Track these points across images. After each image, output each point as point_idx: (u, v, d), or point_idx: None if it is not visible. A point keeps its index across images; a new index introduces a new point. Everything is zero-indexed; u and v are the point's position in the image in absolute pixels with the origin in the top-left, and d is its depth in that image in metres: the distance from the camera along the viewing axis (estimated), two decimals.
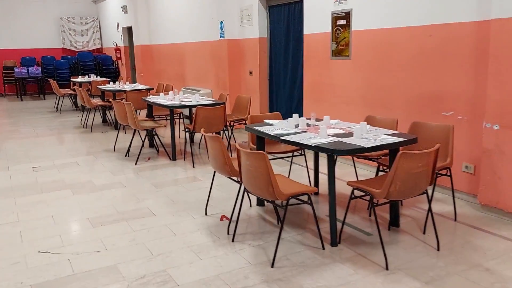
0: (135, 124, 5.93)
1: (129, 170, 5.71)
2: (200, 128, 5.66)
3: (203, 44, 9.13)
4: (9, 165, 6.08)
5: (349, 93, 5.53)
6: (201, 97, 6.89)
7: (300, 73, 6.47)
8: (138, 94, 8.14)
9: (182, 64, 10.41)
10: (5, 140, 7.81)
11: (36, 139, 7.84)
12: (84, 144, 7.37)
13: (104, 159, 6.28)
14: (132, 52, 14.32)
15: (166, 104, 6.05)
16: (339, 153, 3.08)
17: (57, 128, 8.92)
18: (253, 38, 7.36)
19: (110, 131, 8.53)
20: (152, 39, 11.97)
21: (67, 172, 5.68)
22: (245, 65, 7.71)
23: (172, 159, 6.16)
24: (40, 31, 15.94)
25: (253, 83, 7.52)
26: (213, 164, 3.81)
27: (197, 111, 5.61)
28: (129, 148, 6.57)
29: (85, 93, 8.40)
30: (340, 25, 5.49)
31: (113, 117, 9.49)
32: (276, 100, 7.18)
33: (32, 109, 11.93)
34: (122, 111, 6.29)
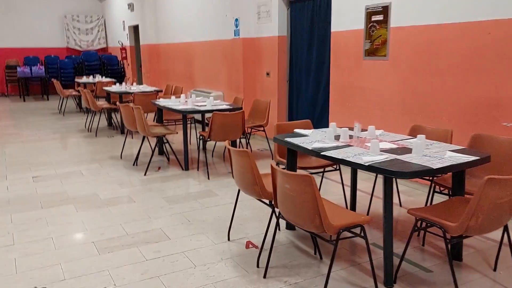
0: (145, 131, 5.38)
1: (138, 181, 5.16)
2: (216, 135, 5.11)
3: (215, 43, 8.57)
4: (7, 173, 5.55)
5: (384, 98, 4.96)
6: (215, 100, 6.33)
7: (326, 75, 5.91)
8: (146, 97, 7.60)
9: (191, 65, 9.86)
10: (5, 144, 7.28)
11: (38, 144, 7.31)
12: (89, 149, 6.83)
13: (110, 168, 5.74)
14: (138, 51, 13.79)
15: (178, 108, 5.49)
16: (403, 175, 2.51)
17: (60, 131, 8.39)
18: (271, 36, 6.80)
19: (116, 135, 7.99)
20: (159, 38, 11.43)
21: (70, 182, 5.14)
22: (261, 65, 7.15)
23: (184, 169, 5.61)
24: (43, 30, 15.44)
25: (271, 85, 6.96)
26: (239, 182, 3.25)
27: (213, 118, 5.05)
28: (137, 156, 6.02)
29: (90, 95, 7.86)
30: (376, 21, 4.92)
31: (119, 120, 8.96)
32: (297, 105, 6.61)
33: (35, 110, 11.41)
34: (130, 115, 5.74)
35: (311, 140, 3.37)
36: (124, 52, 14.16)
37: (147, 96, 7.62)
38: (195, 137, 7.47)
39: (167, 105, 5.82)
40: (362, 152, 2.95)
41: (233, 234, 3.64)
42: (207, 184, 5.01)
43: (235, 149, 3.11)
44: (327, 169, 3.99)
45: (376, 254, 3.21)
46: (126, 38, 13.94)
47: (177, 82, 10.52)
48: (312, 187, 2.40)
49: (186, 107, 5.61)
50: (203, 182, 5.11)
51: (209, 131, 5.15)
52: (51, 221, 3.99)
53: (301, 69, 6.43)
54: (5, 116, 10.51)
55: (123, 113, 5.89)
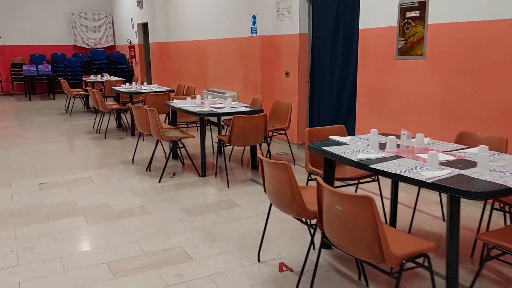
0: (160, 135, 5.01)
1: (152, 189, 4.79)
2: (236, 140, 4.73)
3: (229, 41, 8.19)
4: (11, 180, 5.20)
5: (420, 100, 4.56)
6: (233, 102, 5.95)
7: (352, 75, 5.52)
8: (158, 97, 7.23)
9: (203, 64, 9.49)
10: (9, 147, 6.94)
11: (44, 146, 6.96)
12: (98, 153, 6.47)
13: (122, 174, 5.37)
14: (147, 50, 13.43)
15: (195, 111, 5.11)
16: (476, 196, 2.12)
17: (67, 133, 8.04)
18: (291, 34, 6.41)
19: (126, 137, 7.63)
20: (170, 36, 11.07)
21: (79, 191, 4.78)
22: (280, 65, 6.76)
23: (201, 175, 5.23)
24: (50, 27, 15.12)
25: (290, 86, 6.58)
26: (273, 197, 2.87)
27: (234, 121, 4.67)
28: (150, 161, 5.64)
29: (99, 95, 7.51)
30: (411, 18, 4.52)
31: (129, 121, 8.60)
32: (318, 106, 6.22)
33: (41, 110, 11.08)
34: (143, 118, 5.37)
35: (352, 150, 2.99)
36: (132, 50, 13.81)
37: (159, 97, 7.25)
38: (210, 140, 7.10)
39: (182, 106, 5.44)
40: (417, 166, 2.56)
41: (263, 254, 3.26)
42: (227, 193, 4.63)
43: (270, 161, 2.73)
44: (365, 181, 3.60)
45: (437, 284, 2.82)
46: (134, 36, 13.59)
47: (188, 82, 10.15)
48: (371, 210, 2.02)
49: (204, 109, 5.23)
50: (223, 190, 4.73)
51: (228, 135, 4.77)
52: (59, 236, 3.63)
53: (324, 69, 6.04)
54: (11, 116, 10.19)
55: (136, 115, 5.52)
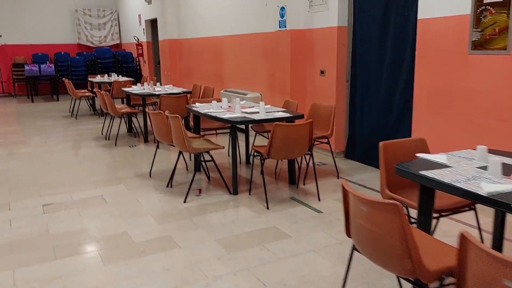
0: (185, 146, 4.24)
1: (178, 212, 4.03)
2: (277, 153, 3.95)
3: (252, 37, 7.41)
4: (11, 200, 4.44)
5: (503, 104, 3.77)
6: (266, 106, 5.17)
7: (406, 73, 4.73)
8: (175, 100, 6.47)
9: (220, 62, 8.71)
10: (9, 157, 6.18)
11: (48, 156, 6.20)
12: (109, 164, 5.70)
13: (139, 191, 4.61)
14: (156, 48, 12.66)
15: (225, 118, 4.33)
16: None
17: (73, 139, 7.28)
18: (328, 27, 5.62)
19: (138, 144, 6.87)
20: (182, 33, 10.29)
21: (90, 214, 4.01)
22: (313, 62, 5.98)
23: (232, 192, 4.46)
24: (53, 25, 14.37)
25: (326, 86, 5.79)
26: (367, 247, 2.09)
27: (276, 131, 3.89)
28: (172, 175, 4.87)
29: (109, 98, 6.74)
30: (490, 4, 3.73)
31: (141, 125, 7.83)
32: (361, 110, 5.43)
33: (44, 113, 10.32)
34: (163, 125, 4.60)
35: (464, 175, 2.20)
36: (140, 48, 13.04)
37: (175, 99, 6.49)
38: None
39: (208, 112, 4.66)
40: None
41: None
42: (268, 217, 3.85)
43: (369, 199, 1.94)
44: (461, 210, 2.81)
45: None
46: (142, 33, 12.82)
47: (203, 81, 9.37)
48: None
49: (235, 115, 4.45)
50: (261, 213, 3.95)
51: (268, 147, 3.98)
52: (68, 282, 2.86)
53: (369, 66, 5.25)
54: (12, 120, 9.43)
55: (155, 122, 4.75)
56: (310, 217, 3.82)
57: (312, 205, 4.11)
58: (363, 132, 5.42)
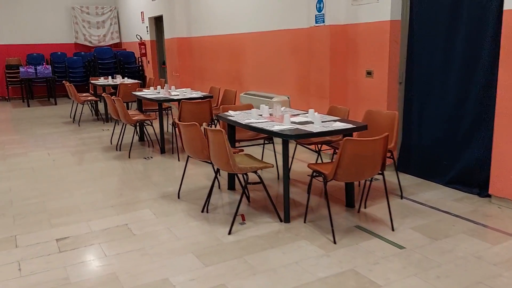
0: (231, 166, 3.50)
1: (225, 248, 3.29)
2: (346, 174, 3.24)
3: (277, 33, 6.68)
4: (17, 233, 3.67)
5: None
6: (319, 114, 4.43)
7: (482, 75, 4.02)
8: (197, 106, 5.72)
9: (237, 61, 7.96)
10: (10, 173, 5.40)
11: (54, 172, 5.42)
12: (127, 181, 4.95)
13: (170, 219, 3.86)
14: (160, 47, 11.89)
15: (276, 130, 3.59)
16: None
17: (80, 150, 6.50)
18: (378, 22, 4.90)
19: (154, 155, 6.11)
20: (193, 30, 9.52)
21: (117, 252, 3.26)
22: (358, 62, 5.26)
23: (283, 220, 3.73)
24: (48, 24, 13.51)
25: (373, 88, 5.08)
26: None
27: (346, 147, 3.16)
28: (208, 198, 4.11)
29: (121, 104, 5.96)
30: None
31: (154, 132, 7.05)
32: (420, 116, 4.71)
33: (43, 119, 9.51)
34: (198, 140, 3.86)
35: None
36: (143, 48, 12.25)
37: (197, 105, 5.74)
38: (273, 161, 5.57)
39: (252, 123, 3.92)
40: None
41: None
42: (340, 256, 3.12)
43: None
44: None
45: None
46: (145, 31, 12.02)
47: (217, 83, 8.62)
48: None
49: (285, 126, 3.71)
50: (330, 250, 3.22)
51: (334, 167, 3.25)
52: None
53: (430, 66, 4.53)
54: (7, 128, 8.62)
55: (187, 135, 3.99)
56: (392, 256, 3.09)
57: (386, 237, 3.38)
58: (422, 142, 4.71)
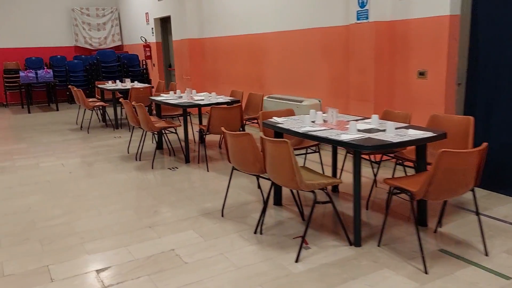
0: (297, 183, 3.03)
1: (295, 280, 2.82)
2: (439, 191, 2.80)
3: (306, 32, 6.23)
4: (49, 263, 3.17)
5: None
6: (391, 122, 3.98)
7: None
8: (228, 112, 5.27)
9: (257, 63, 7.51)
10: (24, 188, 4.87)
11: (74, 186, 4.91)
12: (158, 196, 4.46)
13: (221, 242, 3.38)
14: (166, 49, 11.39)
15: (348, 140, 3.13)
16: None
17: (96, 160, 5.99)
18: (433, 17, 4.48)
19: (179, 165, 5.62)
20: (206, 31, 9.04)
21: (171, 285, 2.77)
22: (408, 61, 4.83)
23: (354, 243, 3.26)
24: (47, 26, 12.95)
25: (428, 90, 4.65)
26: None
27: (441, 160, 2.70)
28: (262, 217, 3.63)
29: (144, 111, 5.46)
30: None
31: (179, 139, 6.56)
32: (486, 122, 4.28)
33: (47, 126, 8.97)
34: (249, 150, 3.39)
35: None
36: (148, 50, 11.73)
37: (228, 111, 5.27)
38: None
39: (309, 132, 3.45)
40: None
41: None
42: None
43: None
44: None
45: None
46: (151, 33, 11.51)
47: (234, 86, 8.15)
48: None
49: (354, 135, 3.25)
50: (424, 282, 2.76)
51: (426, 184, 2.79)
52: None
53: (498, 65, 4.11)
54: (11, 136, 8.06)
55: (236, 146, 3.51)
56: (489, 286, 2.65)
57: (483, 263, 2.94)
58: (488, 150, 4.27)
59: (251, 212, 3.97)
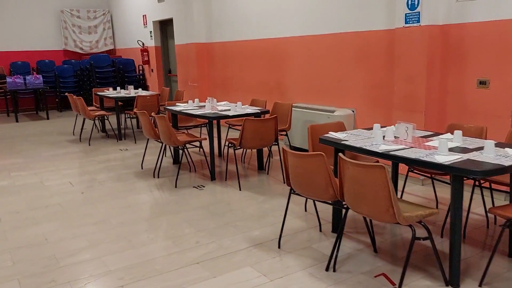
0: (395, 215, 2.52)
1: None
2: None
3: (339, 37, 5.77)
4: None
5: None
6: (489, 141, 3.50)
7: None
8: (263, 124, 4.74)
9: (278, 69, 7.01)
10: (34, 214, 4.24)
11: (91, 209, 4.30)
12: (193, 221, 3.89)
13: (290, 283, 2.84)
14: (166, 53, 10.79)
15: (443, 162, 2.64)
16: None
17: (108, 178, 5.38)
18: (498, 20, 4.05)
19: (205, 183, 5.06)
20: (215, 35, 8.50)
21: None
22: (465, 69, 4.40)
23: (450, 283, 2.77)
24: (34, 29, 12.20)
25: (491, 101, 4.22)
26: None
27: None
28: (335, 251, 3.10)
29: (167, 123, 4.89)
30: None
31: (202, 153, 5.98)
32: None
33: (41, 137, 8.26)
34: (320, 173, 2.87)
35: None
36: (146, 54, 11.11)
37: (263, 123, 4.75)
38: None
39: (390, 151, 2.95)
40: None
41: None
42: None
43: None
44: None
45: None
46: (149, 36, 10.89)
47: (249, 94, 7.64)
48: None
49: (450, 157, 2.76)
50: None
51: None
52: None
53: None
54: (3, 148, 7.34)
55: (303, 167, 2.98)
56: None
57: None
58: None
59: (310, 241, 3.46)
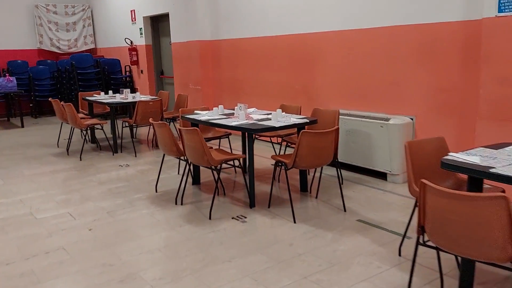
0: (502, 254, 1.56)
1: None
2: None
3: (393, 31, 4.85)
4: None
5: None
6: None
7: None
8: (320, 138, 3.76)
9: (306, 70, 6.04)
10: (34, 266, 3.12)
11: (108, 257, 3.21)
12: (255, 274, 2.86)
13: None
14: (158, 53, 9.66)
15: None
16: None
17: (117, 206, 4.26)
18: None
19: (246, 213, 4.03)
20: (222, 31, 7.45)
21: None
22: None
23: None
24: (5, 25, 10.81)
25: None
26: None
27: None
28: None
29: (200, 138, 3.82)
30: None
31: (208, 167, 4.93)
32: None
33: (19, 149, 7.01)
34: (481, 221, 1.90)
35: None
36: (134, 54, 9.92)
37: (320, 137, 3.76)
38: None
39: None
40: None
41: None
42: None
43: None
44: None
45: None
46: (139, 34, 9.71)
47: (266, 98, 6.63)
48: None
49: None
50: None
51: None
52: None
53: None
54: None
55: (454, 213, 2.00)
56: None
57: None
58: None
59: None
